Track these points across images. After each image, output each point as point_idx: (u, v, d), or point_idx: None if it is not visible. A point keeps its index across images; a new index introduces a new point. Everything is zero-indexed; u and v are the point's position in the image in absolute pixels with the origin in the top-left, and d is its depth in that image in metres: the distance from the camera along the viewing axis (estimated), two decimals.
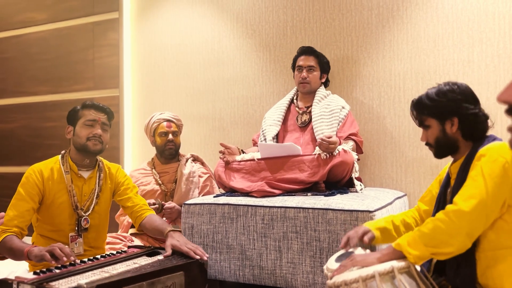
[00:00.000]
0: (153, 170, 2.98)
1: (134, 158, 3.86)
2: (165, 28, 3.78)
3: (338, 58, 3.15)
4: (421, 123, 1.74)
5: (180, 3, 3.73)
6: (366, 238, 1.73)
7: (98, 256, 1.97)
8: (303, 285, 2.22)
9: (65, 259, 1.77)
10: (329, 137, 2.41)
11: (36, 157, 4.15)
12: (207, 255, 2.08)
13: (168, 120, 2.95)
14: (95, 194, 2.24)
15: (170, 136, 2.93)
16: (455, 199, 1.51)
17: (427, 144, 1.75)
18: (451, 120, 1.65)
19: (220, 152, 2.65)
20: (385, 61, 3.03)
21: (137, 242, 2.72)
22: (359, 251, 1.73)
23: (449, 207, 1.50)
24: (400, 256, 1.54)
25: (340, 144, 2.50)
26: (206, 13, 3.63)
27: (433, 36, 2.90)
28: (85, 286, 1.50)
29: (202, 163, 3.09)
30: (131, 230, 2.90)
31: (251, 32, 3.46)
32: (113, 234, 2.72)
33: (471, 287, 1.55)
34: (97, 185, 2.25)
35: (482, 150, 1.55)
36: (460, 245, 1.47)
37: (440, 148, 1.70)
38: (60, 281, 1.62)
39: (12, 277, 1.65)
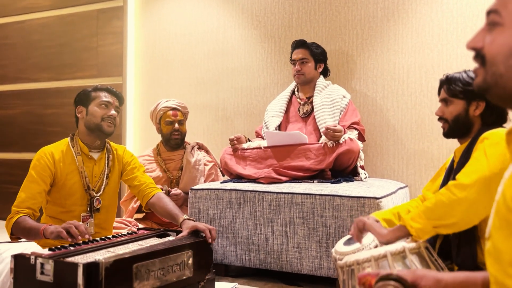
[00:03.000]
0: (159, 157, 3.00)
1: (136, 146, 3.87)
2: (169, 17, 3.80)
3: (343, 51, 3.19)
4: (445, 98, 1.75)
5: None
6: None
7: (110, 236, 1.99)
8: (309, 270, 2.26)
9: (80, 237, 1.80)
10: (334, 126, 2.46)
11: (37, 144, 4.14)
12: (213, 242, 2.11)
13: (174, 109, 2.97)
14: (105, 175, 2.26)
15: (176, 125, 2.94)
16: (457, 175, 1.54)
17: (441, 119, 1.77)
18: (478, 103, 1.69)
19: (230, 139, 2.67)
20: (389, 54, 3.08)
21: (141, 227, 2.74)
22: (367, 235, 1.77)
23: (450, 182, 1.54)
24: (405, 232, 1.57)
25: (344, 133, 2.55)
26: (212, 3, 3.65)
27: (437, 31, 2.95)
28: (103, 261, 1.53)
29: (207, 152, 3.11)
30: (136, 216, 2.92)
31: (256, 23, 3.49)
32: (118, 219, 2.75)
33: (471, 266, 1.60)
34: (106, 166, 2.28)
35: (485, 134, 1.60)
36: (462, 216, 1.48)
37: (455, 126, 1.73)
38: (76, 257, 1.64)
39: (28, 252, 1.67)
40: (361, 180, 2.54)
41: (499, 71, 0.79)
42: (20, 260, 1.62)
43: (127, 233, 2.10)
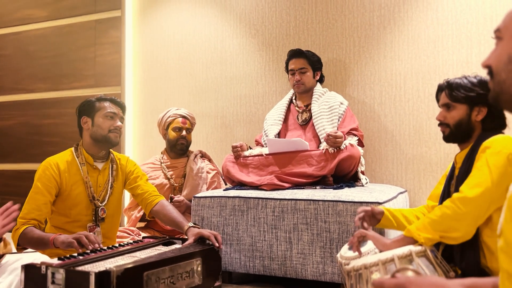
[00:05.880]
0: (162, 164, 3.02)
1: (135, 156, 3.88)
2: (167, 26, 3.83)
3: (341, 58, 3.24)
4: (447, 103, 1.76)
5: (183, 3, 3.78)
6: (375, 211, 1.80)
7: (117, 245, 2.00)
8: (313, 275, 2.28)
9: (90, 247, 1.81)
10: (335, 132, 2.49)
11: (35, 154, 4.16)
12: (222, 247, 2.13)
13: (184, 117, 3.03)
14: (109, 185, 2.28)
15: (184, 133, 3.00)
16: (461, 187, 1.58)
17: (442, 124, 1.79)
18: (480, 108, 1.70)
19: (234, 147, 2.70)
20: (386, 61, 3.13)
21: (146, 235, 2.75)
22: (369, 242, 1.80)
23: (455, 194, 1.58)
24: (410, 242, 1.61)
25: (344, 139, 2.59)
26: (209, 12, 3.69)
27: (433, 38, 3.01)
28: (114, 269, 1.54)
29: (210, 160, 3.15)
30: (139, 225, 2.93)
31: (254, 32, 3.53)
32: (121, 228, 2.75)
33: (475, 270, 1.63)
34: (110, 175, 2.29)
35: (487, 142, 1.62)
36: (466, 230, 1.55)
37: (457, 132, 1.74)
38: (86, 266, 1.65)
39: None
40: (362, 185, 2.57)
41: (502, 78, 0.88)
42: (30, 270, 1.63)
43: (133, 242, 2.11)
